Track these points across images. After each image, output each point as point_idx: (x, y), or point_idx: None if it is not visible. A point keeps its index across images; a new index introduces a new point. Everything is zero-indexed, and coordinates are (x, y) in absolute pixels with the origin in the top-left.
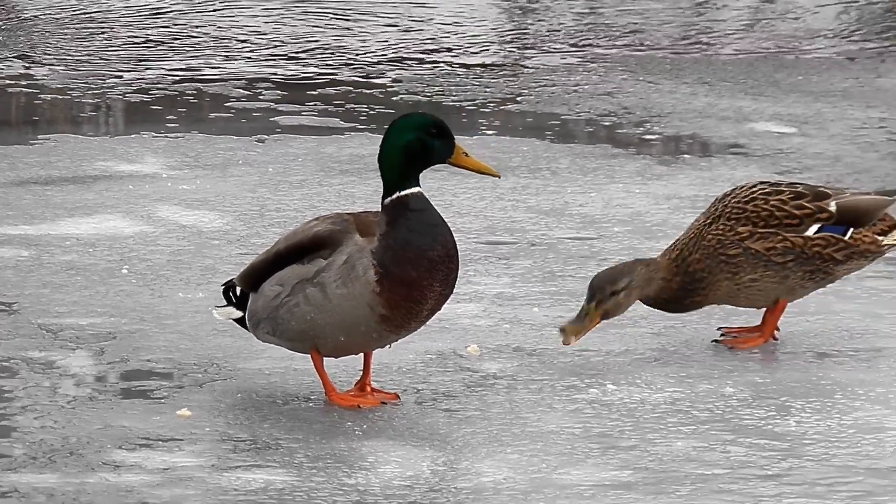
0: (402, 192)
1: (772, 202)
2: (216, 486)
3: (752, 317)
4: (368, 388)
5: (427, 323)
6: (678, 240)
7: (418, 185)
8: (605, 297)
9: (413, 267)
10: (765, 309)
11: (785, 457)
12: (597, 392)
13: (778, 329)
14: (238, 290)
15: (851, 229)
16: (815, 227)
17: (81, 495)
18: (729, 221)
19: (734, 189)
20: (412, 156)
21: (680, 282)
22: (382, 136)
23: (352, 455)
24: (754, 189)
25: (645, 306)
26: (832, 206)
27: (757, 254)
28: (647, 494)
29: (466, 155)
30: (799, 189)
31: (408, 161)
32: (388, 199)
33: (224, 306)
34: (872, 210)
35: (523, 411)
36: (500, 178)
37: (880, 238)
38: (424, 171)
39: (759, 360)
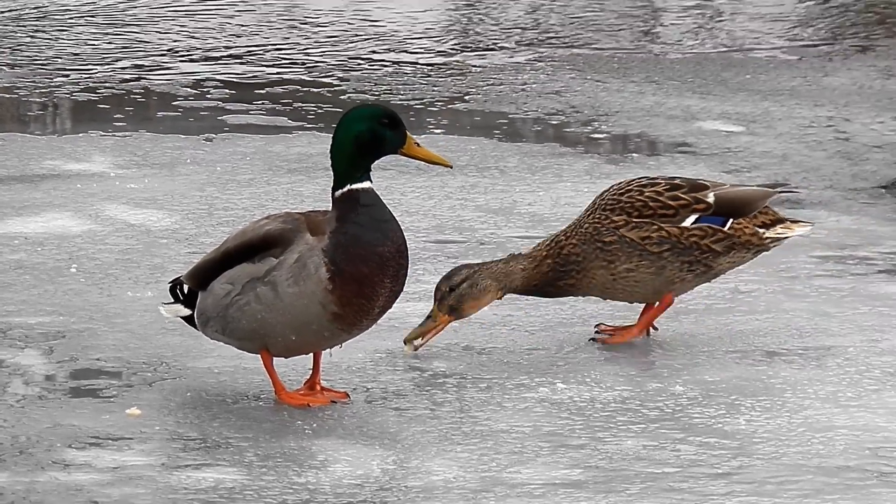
0: (353, 186)
1: (647, 193)
2: (166, 485)
3: (680, 307)
4: (318, 387)
5: (378, 322)
6: (555, 233)
7: (370, 179)
8: (443, 294)
9: (364, 263)
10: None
11: (735, 455)
12: (546, 391)
13: (655, 328)
14: (186, 287)
15: (731, 220)
16: (692, 218)
17: (31, 494)
18: (605, 211)
19: (613, 184)
20: (364, 145)
21: (551, 264)
22: (335, 128)
23: (302, 454)
24: (632, 182)
25: (596, 304)
26: (710, 198)
27: (632, 243)
28: (598, 493)
29: (418, 145)
30: (676, 181)
31: (360, 151)
32: (338, 192)
33: (171, 303)
34: (752, 201)
35: (473, 410)
36: (451, 167)
37: (762, 231)
38: (373, 170)
39: (709, 359)
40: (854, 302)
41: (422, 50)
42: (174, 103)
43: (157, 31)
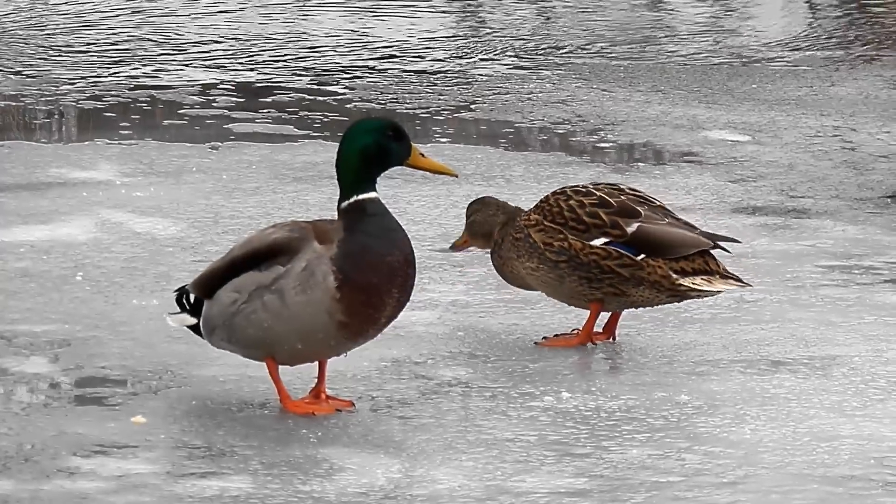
0: (360, 197)
1: (571, 202)
2: (171, 494)
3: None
4: (323, 396)
5: (383, 331)
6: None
7: (375, 190)
8: (466, 218)
9: (373, 272)
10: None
11: (740, 465)
12: (552, 399)
13: (614, 338)
14: (192, 296)
15: (643, 255)
16: (602, 240)
17: (36, 502)
18: (534, 206)
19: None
20: (370, 158)
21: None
22: (340, 141)
23: (307, 462)
24: (583, 186)
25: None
26: (631, 227)
27: (534, 244)
28: (602, 502)
29: (423, 156)
30: (613, 200)
31: (365, 164)
32: (344, 203)
33: (177, 313)
34: (674, 245)
35: (478, 419)
36: (457, 177)
37: (675, 276)
38: (379, 179)
39: (714, 368)
40: (860, 311)
41: (428, 59)
42: (180, 111)
43: (163, 40)
